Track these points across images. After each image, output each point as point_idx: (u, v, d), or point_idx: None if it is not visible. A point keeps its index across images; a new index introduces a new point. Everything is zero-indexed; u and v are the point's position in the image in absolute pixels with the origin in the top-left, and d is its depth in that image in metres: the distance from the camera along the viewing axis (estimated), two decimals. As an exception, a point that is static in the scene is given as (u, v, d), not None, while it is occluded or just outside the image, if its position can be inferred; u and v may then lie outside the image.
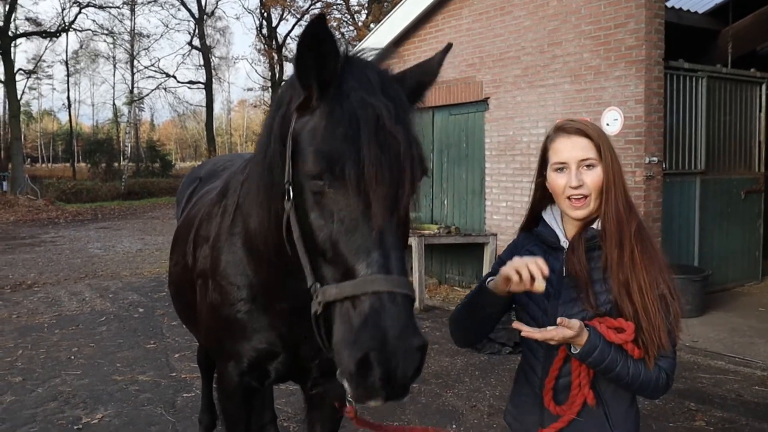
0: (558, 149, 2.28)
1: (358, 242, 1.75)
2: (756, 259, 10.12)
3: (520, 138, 9.33)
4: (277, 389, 5.27)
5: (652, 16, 7.67)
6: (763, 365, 6.52)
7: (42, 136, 70.35)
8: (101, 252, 15.56)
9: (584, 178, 2.22)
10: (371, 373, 1.63)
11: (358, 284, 1.70)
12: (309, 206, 1.86)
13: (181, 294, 3.47)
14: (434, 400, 5.76)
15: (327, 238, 1.81)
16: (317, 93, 1.87)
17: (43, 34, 40.42)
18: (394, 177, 1.78)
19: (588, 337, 2.07)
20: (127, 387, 6.17)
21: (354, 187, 1.75)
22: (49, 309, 9.52)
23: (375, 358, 1.62)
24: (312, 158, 1.81)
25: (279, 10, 41.00)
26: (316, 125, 1.84)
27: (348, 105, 1.81)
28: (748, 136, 9.86)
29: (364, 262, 1.73)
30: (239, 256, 2.66)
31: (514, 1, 9.27)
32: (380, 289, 1.68)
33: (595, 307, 2.18)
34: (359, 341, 1.64)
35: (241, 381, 2.82)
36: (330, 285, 1.79)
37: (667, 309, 2.15)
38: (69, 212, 25.77)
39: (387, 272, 1.71)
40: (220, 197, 2.99)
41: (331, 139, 1.78)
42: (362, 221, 1.76)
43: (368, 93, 1.84)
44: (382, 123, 1.79)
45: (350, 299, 1.71)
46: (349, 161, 1.74)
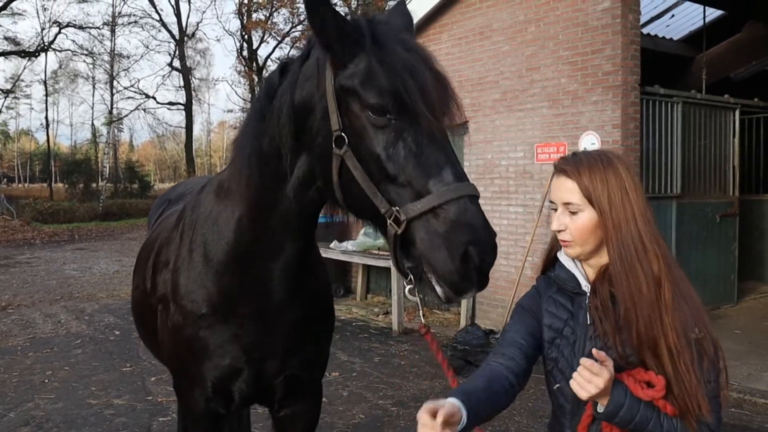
0: (551, 187, 2.20)
1: (431, 161, 1.94)
2: (731, 282, 10.22)
3: (499, 162, 9.39)
4: (255, 413, 5.22)
5: (628, 43, 7.79)
6: (740, 387, 6.57)
7: (19, 156, 69.71)
8: (77, 273, 15.39)
9: (568, 223, 2.10)
10: (471, 265, 1.85)
11: (443, 193, 1.89)
12: (373, 142, 2.01)
13: (142, 318, 3.45)
14: (413, 423, 5.71)
15: (398, 164, 1.97)
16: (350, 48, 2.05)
17: (22, 53, 40.13)
18: (449, 104, 2.05)
19: (612, 395, 1.92)
20: (102, 411, 6.08)
21: (422, 115, 1.94)
22: (23, 331, 9.39)
23: (473, 250, 1.84)
24: (376, 97, 1.99)
25: (260, 33, 41.06)
26: (369, 71, 2.02)
27: (395, 50, 2.02)
28: (723, 161, 10.00)
29: (440, 176, 1.92)
30: (197, 271, 2.67)
31: (493, 27, 9.38)
32: (463, 193, 1.90)
33: (624, 358, 2.01)
34: (457, 239, 1.85)
35: (207, 407, 2.79)
36: (412, 203, 1.92)
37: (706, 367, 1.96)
38: (45, 233, 25.49)
39: (461, 180, 1.93)
40: (178, 220, 3.01)
41: (393, 76, 1.97)
42: (432, 142, 1.96)
43: (407, 43, 2.08)
44: (430, 63, 2.05)
45: (436, 209, 1.88)
46: (416, 93, 1.94)
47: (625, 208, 2.04)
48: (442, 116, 1.99)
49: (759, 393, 6.43)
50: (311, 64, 2.22)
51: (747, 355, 7.64)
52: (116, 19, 41.58)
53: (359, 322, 9.86)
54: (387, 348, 8.23)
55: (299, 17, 38.64)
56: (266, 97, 2.34)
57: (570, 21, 8.28)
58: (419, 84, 1.96)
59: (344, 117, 2.07)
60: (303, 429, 3.04)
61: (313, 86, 2.18)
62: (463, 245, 1.84)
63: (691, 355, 1.95)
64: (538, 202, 8.63)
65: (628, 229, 2.03)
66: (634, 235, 2.02)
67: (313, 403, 3.05)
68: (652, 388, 1.94)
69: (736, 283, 10.31)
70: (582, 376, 1.91)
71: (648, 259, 2.01)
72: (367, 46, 2.04)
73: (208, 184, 2.84)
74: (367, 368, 7.39)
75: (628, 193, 2.05)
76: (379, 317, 10.09)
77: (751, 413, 6.00)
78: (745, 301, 10.49)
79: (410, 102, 1.94)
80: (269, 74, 2.44)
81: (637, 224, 2.03)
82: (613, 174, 2.07)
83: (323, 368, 3.06)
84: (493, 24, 9.35)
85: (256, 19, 39.93)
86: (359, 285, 11.55)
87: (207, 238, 2.63)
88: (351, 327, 9.45)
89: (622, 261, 2.02)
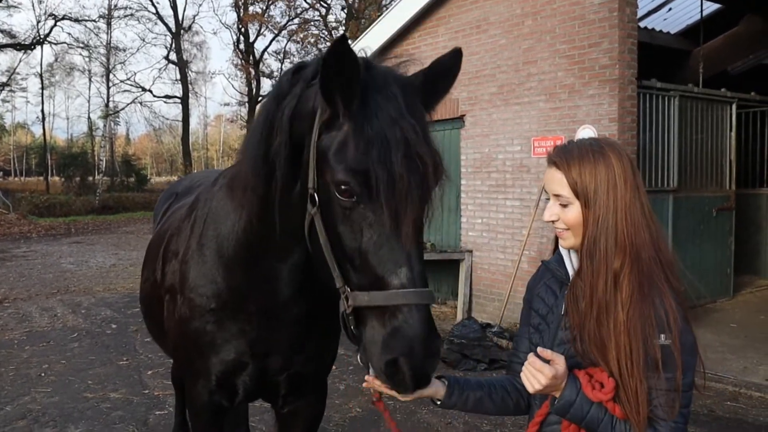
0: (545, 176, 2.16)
1: (388, 256, 1.88)
2: (727, 275, 10.25)
3: (496, 155, 9.39)
4: (252, 406, 5.23)
5: (625, 36, 7.78)
6: (735, 381, 6.59)
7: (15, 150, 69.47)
8: (74, 267, 15.37)
9: (558, 213, 2.08)
10: (400, 373, 1.84)
11: (390, 296, 1.85)
12: (338, 218, 1.96)
13: (151, 311, 3.46)
14: (409, 417, 5.74)
15: (356, 248, 1.93)
16: (343, 110, 1.94)
17: (18, 46, 39.97)
18: (422, 196, 1.93)
19: (563, 391, 1.94)
20: (99, 405, 6.08)
21: (386, 206, 1.86)
22: (20, 325, 9.37)
23: (404, 362, 1.82)
24: (343, 175, 1.90)
25: (256, 26, 41.02)
26: (345, 142, 1.92)
27: (377, 124, 1.90)
28: (719, 155, 10.01)
29: (393, 274, 1.87)
30: (209, 266, 2.67)
31: (489, 20, 9.36)
32: (409, 302, 1.84)
33: (583, 355, 2.00)
34: (391, 347, 1.84)
35: (210, 399, 2.80)
36: (361, 292, 1.91)
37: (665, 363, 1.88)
38: (42, 226, 25.42)
39: (414, 285, 1.86)
40: (189, 211, 3.00)
41: (364, 159, 1.87)
42: (392, 237, 1.89)
43: (395, 111, 1.93)
44: (411, 144, 1.89)
45: (382, 308, 1.86)
46: (382, 182, 1.85)
47: (609, 202, 1.98)
48: (409, 210, 1.88)
49: (754, 386, 6.45)
50: (311, 95, 2.10)
51: (743, 348, 7.66)
52: (112, 12, 41.37)
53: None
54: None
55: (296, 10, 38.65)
56: (275, 101, 2.26)
57: (567, 14, 8.27)
58: (389, 171, 1.85)
59: (319, 178, 2.01)
60: (306, 426, 3.04)
61: (307, 126, 2.08)
62: (395, 355, 1.83)
63: (644, 360, 1.88)
64: (534, 196, 8.64)
65: (605, 224, 1.97)
66: (609, 231, 1.97)
67: (317, 401, 3.05)
68: (602, 390, 1.93)
69: (732, 276, 10.34)
70: (528, 370, 1.95)
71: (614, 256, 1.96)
72: (352, 110, 1.93)
73: (221, 177, 2.83)
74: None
75: (616, 186, 1.99)
76: (376, 311, 10.08)
77: (747, 406, 6.02)
78: (741, 295, 10.52)
79: (376, 191, 1.86)
80: (281, 75, 2.36)
81: (617, 219, 1.97)
82: (604, 166, 2.00)
83: (329, 366, 3.06)
84: (490, 17, 9.34)
85: (253, 12, 39.93)
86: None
87: (219, 232, 2.63)
88: (348, 321, 9.45)
89: (589, 256, 2.01)
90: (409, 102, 1.99)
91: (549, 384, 1.92)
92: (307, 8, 38.84)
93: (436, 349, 1.89)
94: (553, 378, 1.91)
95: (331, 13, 38.76)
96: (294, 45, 40.69)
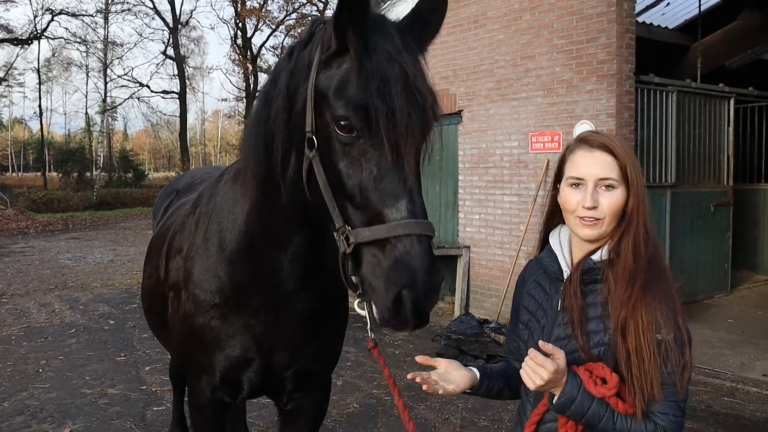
0: (577, 162, 2.08)
1: (389, 189, 1.89)
2: (725, 271, 10.26)
3: (494, 151, 9.38)
4: (249, 402, 5.22)
5: (623, 31, 7.77)
6: (732, 376, 6.61)
7: (12, 145, 69.35)
8: (72, 263, 15.35)
9: (600, 200, 2.02)
10: (403, 307, 1.82)
11: (391, 228, 1.85)
12: (337, 155, 1.96)
13: (153, 308, 3.45)
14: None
15: (357, 185, 1.93)
16: (351, 44, 1.94)
17: (15, 41, 39.86)
18: (422, 129, 1.94)
19: (564, 387, 1.92)
20: (97, 400, 6.08)
21: (387, 139, 1.87)
22: (17, 321, 9.37)
23: (407, 294, 1.81)
24: (343, 111, 1.91)
25: (254, 21, 40.98)
26: (345, 79, 1.94)
27: (377, 60, 1.91)
28: (717, 150, 10.01)
29: (394, 207, 1.87)
30: (212, 261, 2.67)
31: (487, 15, 9.34)
32: (411, 232, 1.84)
33: (586, 349, 1.99)
34: (394, 279, 1.82)
35: (213, 396, 2.80)
36: (362, 228, 1.90)
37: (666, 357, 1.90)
38: (39, 222, 25.40)
39: (415, 216, 1.86)
40: (193, 207, 2.99)
41: (364, 93, 1.88)
42: (392, 170, 1.89)
43: (393, 48, 1.95)
44: (409, 78, 1.92)
45: (383, 241, 1.86)
46: (383, 115, 1.86)
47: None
48: (409, 142, 1.90)
49: (752, 382, 6.46)
50: (307, 50, 2.14)
51: (740, 344, 7.67)
52: (109, 7, 41.30)
53: (352, 312, 9.85)
54: (381, 338, 8.24)
55: (293, 5, 38.56)
56: (272, 81, 2.28)
57: (565, 9, 8.25)
58: (389, 105, 1.87)
59: (318, 119, 2.02)
60: (310, 422, 3.03)
61: (303, 76, 2.10)
62: (398, 287, 1.81)
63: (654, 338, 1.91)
64: (532, 192, 8.63)
65: (641, 210, 2.01)
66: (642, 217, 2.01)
67: (321, 397, 3.04)
68: (605, 385, 1.91)
69: (729, 272, 10.35)
70: (528, 365, 1.92)
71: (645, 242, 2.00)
72: (353, 46, 1.95)
73: (225, 172, 2.82)
74: (362, 358, 7.40)
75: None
76: (374, 306, 10.08)
77: (744, 402, 6.03)
78: (738, 290, 10.54)
79: (376, 124, 1.87)
80: (279, 59, 2.38)
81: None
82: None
83: (334, 363, 3.06)
84: (488, 12, 9.32)
85: (251, 7, 39.88)
86: (354, 274, 11.53)
87: (223, 226, 2.63)
88: (345, 316, 9.45)
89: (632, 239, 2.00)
90: (406, 41, 2.02)
91: (551, 379, 1.88)
92: (304, 3, 38.80)
93: (437, 284, 1.88)
94: (555, 373, 1.87)
95: (328, 7, 38.62)
96: (291, 40, 40.53)
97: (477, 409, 5.80)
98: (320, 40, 2.05)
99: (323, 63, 2.01)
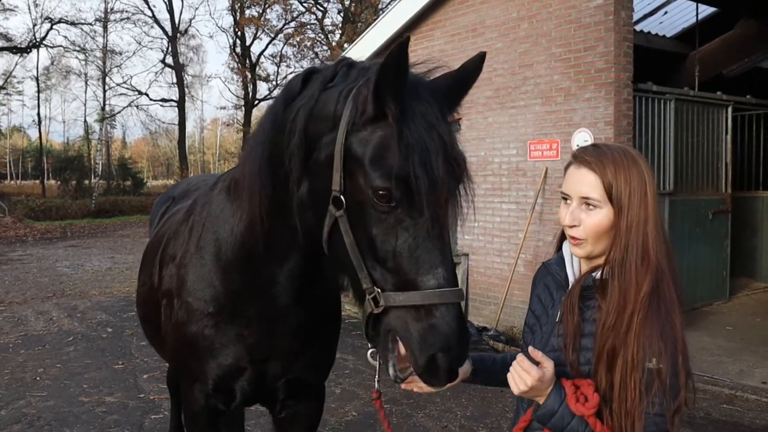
0: (566, 178, 2.06)
1: (425, 258, 1.90)
2: (723, 278, 10.26)
3: (492, 159, 9.39)
4: (247, 410, 5.21)
5: (620, 40, 7.79)
6: (731, 384, 6.60)
7: (11, 153, 69.33)
8: (70, 270, 15.33)
9: (582, 218, 1.99)
10: (437, 368, 1.86)
11: (426, 296, 1.86)
12: (371, 221, 1.94)
13: (148, 315, 3.45)
14: (405, 420, 5.73)
15: (390, 251, 1.93)
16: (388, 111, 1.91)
17: (14, 49, 39.90)
18: (458, 199, 2.00)
19: (546, 399, 1.91)
20: (94, 409, 6.06)
21: (427, 210, 1.88)
22: (15, 329, 9.35)
23: (441, 358, 1.85)
24: (383, 182, 1.88)
25: (253, 29, 40.98)
26: (384, 146, 1.90)
27: (415, 129, 1.90)
28: (715, 158, 10.02)
29: (430, 275, 1.88)
30: (207, 269, 2.66)
31: (485, 23, 9.37)
32: (447, 301, 1.87)
33: (575, 365, 1.97)
34: (429, 343, 1.85)
35: (207, 403, 2.79)
36: (394, 293, 1.91)
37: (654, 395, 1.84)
38: (37, 230, 25.35)
39: (450, 286, 1.88)
40: (187, 215, 2.99)
41: (404, 165, 1.86)
42: (429, 239, 1.90)
43: (432, 116, 1.94)
44: (448, 149, 1.93)
45: (417, 307, 1.87)
46: (424, 187, 1.86)
47: (641, 210, 1.94)
48: (447, 210, 1.94)
49: (750, 389, 6.46)
50: (332, 97, 2.08)
51: (739, 351, 7.67)
52: (108, 15, 41.38)
53: (352, 320, 9.84)
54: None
55: (292, 14, 38.63)
56: (283, 104, 2.24)
57: (563, 18, 8.28)
58: (431, 176, 1.86)
59: (347, 180, 1.98)
60: (304, 430, 3.03)
61: (327, 127, 2.06)
62: (433, 351, 1.85)
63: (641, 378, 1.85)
64: (531, 200, 8.64)
65: (638, 233, 1.93)
66: (640, 241, 1.93)
67: (315, 406, 3.04)
68: (586, 404, 1.89)
69: (728, 279, 10.36)
70: (515, 369, 1.93)
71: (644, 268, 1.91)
72: (391, 113, 1.91)
73: (220, 181, 2.81)
74: (360, 365, 7.38)
75: (646, 196, 1.95)
76: (373, 314, 10.06)
77: (743, 409, 6.02)
78: (737, 298, 10.54)
79: (417, 196, 1.87)
80: (291, 79, 2.33)
81: (647, 229, 1.94)
82: (637, 173, 1.97)
83: (327, 371, 3.05)
84: (486, 21, 9.35)
85: (249, 16, 39.91)
86: (352, 282, 11.51)
87: (218, 236, 2.62)
88: (344, 324, 9.36)
89: (621, 265, 1.93)
90: (441, 107, 2.01)
91: (534, 386, 1.88)
92: (303, 12, 38.84)
93: (467, 342, 1.94)
94: (539, 381, 1.87)
95: (327, 16, 38.72)
96: (290, 48, 40.61)
97: (476, 416, 5.79)
98: (353, 100, 1.99)
99: (354, 126, 1.98)
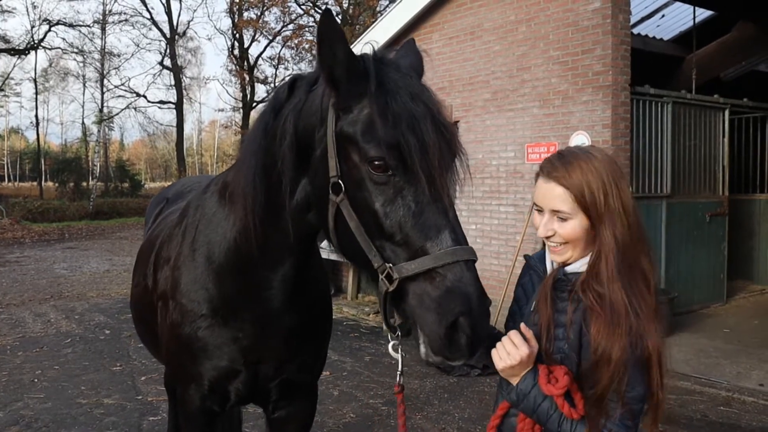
0: (536, 190, 2.11)
1: (430, 222, 1.89)
2: (721, 281, 10.28)
3: (490, 161, 9.41)
4: (246, 412, 5.22)
5: (618, 43, 7.82)
6: (728, 386, 6.62)
7: (9, 155, 69.34)
8: (67, 272, 15.32)
9: (555, 228, 2.05)
10: (459, 335, 1.80)
11: (438, 257, 1.83)
12: (372, 195, 1.95)
13: (141, 316, 3.46)
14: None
15: (396, 222, 1.92)
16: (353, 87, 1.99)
17: (12, 51, 39.91)
18: (453, 161, 1.99)
19: (520, 381, 1.97)
20: (92, 410, 6.06)
21: (423, 173, 1.89)
22: (13, 330, 9.34)
23: (464, 322, 1.79)
24: (377, 151, 1.92)
25: (251, 32, 41.03)
26: (372, 120, 1.95)
27: (400, 99, 1.95)
28: (712, 161, 10.05)
29: (438, 238, 1.86)
30: (200, 271, 2.68)
31: (484, 26, 9.39)
32: (459, 258, 1.84)
33: (549, 353, 2.01)
34: (448, 307, 1.79)
35: (202, 405, 2.81)
36: (406, 263, 1.88)
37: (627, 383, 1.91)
38: (35, 232, 25.34)
39: (459, 243, 1.87)
40: (181, 217, 3.01)
41: (394, 133, 1.90)
42: (431, 203, 1.90)
43: (414, 87, 2.02)
44: (434, 115, 1.97)
45: (431, 271, 1.83)
46: (416, 150, 1.89)
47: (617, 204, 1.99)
48: (443, 174, 1.93)
49: (747, 391, 6.47)
50: (318, 94, 2.15)
51: (736, 354, 7.68)
52: (107, 17, 41.41)
53: (350, 322, 9.86)
54: (378, 347, 8.23)
55: (290, 16, 38.66)
56: (272, 111, 2.29)
57: (561, 21, 8.31)
58: (421, 140, 1.90)
59: (343, 164, 2.02)
60: (297, 430, 3.05)
61: (316, 121, 2.13)
62: (455, 315, 1.79)
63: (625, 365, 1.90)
64: (528, 202, 8.65)
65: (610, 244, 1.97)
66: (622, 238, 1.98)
67: (308, 406, 3.07)
68: (556, 384, 1.93)
69: (725, 282, 10.37)
70: (504, 343, 1.98)
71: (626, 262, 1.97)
72: (371, 91, 1.97)
73: (212, 184, 2.83)
74: (358, 367, 7.39)
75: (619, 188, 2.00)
76: (370, 316, 10.09)
77: (740, 411, 6.03)
78: (734, 300, 10.56)
79: (411, 160, 1.89)
80: (278, 87, 2.38)
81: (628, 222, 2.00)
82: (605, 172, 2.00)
83: (319, 372, 3.08)
84: (484, 24, 9.37)
85: (248, 18, 39.95)
86: (350, 284, 11.54)
87: (210, 239, 2.64)
88: (342, 326, 9.44)
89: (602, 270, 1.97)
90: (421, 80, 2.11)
91: (517, 364, 1.95)
92: (301, 14, 38.91)
93: (488, 309, 1.89)
94: (528, 357, 1.94)
95: (326, 18, 38.72)
96: (288, 51, 40.72)
97: (473, 419, 5.80)
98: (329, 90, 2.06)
99: (341, 110, 2.02)
